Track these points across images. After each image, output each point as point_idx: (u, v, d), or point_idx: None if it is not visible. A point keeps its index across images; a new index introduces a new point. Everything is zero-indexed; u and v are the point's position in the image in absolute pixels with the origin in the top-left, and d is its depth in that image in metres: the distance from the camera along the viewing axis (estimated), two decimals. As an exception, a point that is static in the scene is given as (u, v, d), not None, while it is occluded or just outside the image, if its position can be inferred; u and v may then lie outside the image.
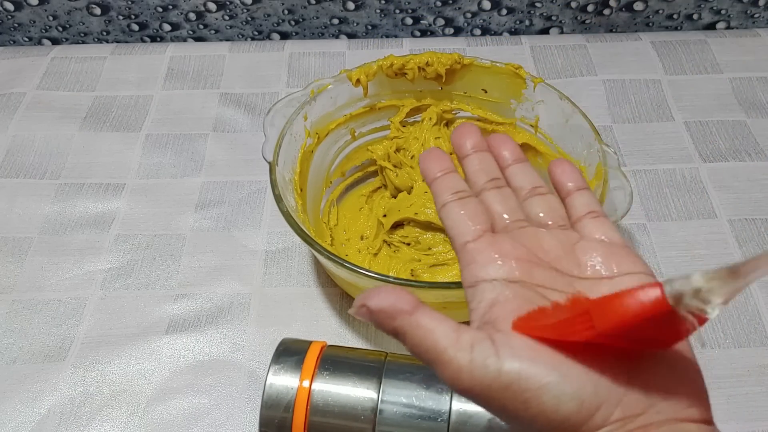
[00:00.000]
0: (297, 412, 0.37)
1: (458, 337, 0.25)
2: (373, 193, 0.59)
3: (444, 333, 0.25)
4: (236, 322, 0.51)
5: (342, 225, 0.57)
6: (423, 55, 0.55)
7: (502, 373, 0.23)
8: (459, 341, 0.24)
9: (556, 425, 0.23)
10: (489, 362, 0.24)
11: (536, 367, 0.23)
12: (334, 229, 0.56)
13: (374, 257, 0.54)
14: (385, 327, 0.26)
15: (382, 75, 0.55)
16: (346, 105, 0.55)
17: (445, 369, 0.24)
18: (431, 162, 0.33)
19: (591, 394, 0.23)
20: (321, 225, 0.55)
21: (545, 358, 0.24)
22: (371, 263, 0.53)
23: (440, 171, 0.33)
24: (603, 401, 0.23)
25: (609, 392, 0.23)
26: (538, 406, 0.23)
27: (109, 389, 0.47)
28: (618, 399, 0.23)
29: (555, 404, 0.23)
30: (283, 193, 0.47)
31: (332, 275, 0.52)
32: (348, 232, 0.56)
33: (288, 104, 0.52)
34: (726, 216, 0.57)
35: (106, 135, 0.65)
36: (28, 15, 0.74)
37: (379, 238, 0.54)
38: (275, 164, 0.48)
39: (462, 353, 0.24)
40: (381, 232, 0.55)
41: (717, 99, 0.68)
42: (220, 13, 0.74)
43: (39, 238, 0.56)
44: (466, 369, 0.24)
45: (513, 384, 0.23)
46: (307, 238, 0.44)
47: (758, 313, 0.51)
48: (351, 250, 0.55)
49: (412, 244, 0.54)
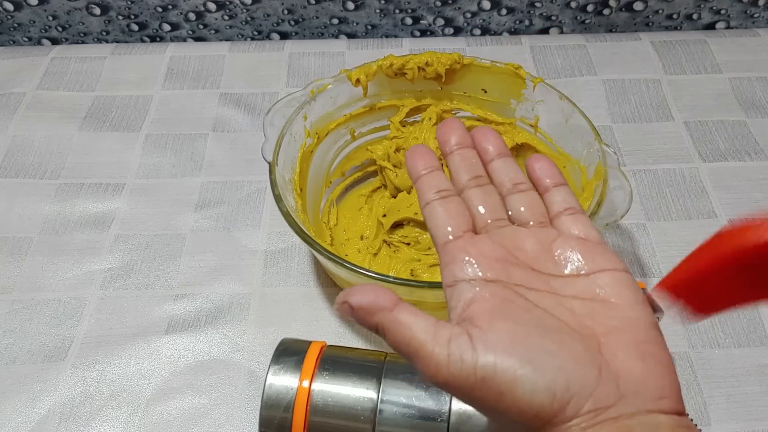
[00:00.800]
0: (297, 412, 0.37)
1: (436, 332, 0.26)
2: (372, 193, 0.59)
3: (423, 328, 0.26)
4: (236, 322, 0.51)
5: (342, 225, 0.57)
6: (423, 55, 0.55)
7: (478, 367, 0.24)
8: (437, 336, 0.26)
9: (529, 417, 0.24)
10: (465, 356, 0.25)
11: (510, 360, 0.24)
12: (333, 229, 0.56)
13: (374, 257, 0.54)
14: (366, 323, 0.27)
15: (382, 75, 0.55)
16: (345, 105, 0.55)
17: (424, 363, 0.25)
18: (416, 159, 0.34)
19: (563, 387, 0.24)
20: (321, 225, 0.55)
21: (519, 351, 0.25)
22: (371, 263, 0.53)
23: (425, 169, 0.33)
24: (575, 394, 0.24)
25: (581, 385, 0.24)
26: (512, 398, 0.24)
27: (109, 389, 0.47)
28: (589, 392, 0.24)
29: (528, 396, 0.24)
30: (283, 193, 0.47)
31: (332, 275, 0.52)
32: (348, 232, 0.56)
33: (288, 104, 0.52)
34: (726, 216, 0.57)
35: (105, 135, 0.65)
36: (28, 15, 0.74)
37: (379, 238, 0.54)
38: (275, 164, 0.48)
39: (440, 348, 0.25)
40: (381, 232, 0.55)
41: (717, 99, 0.68)
42: (220, 13, 0.74)
43: (39, 238, 0.56)
44: (444, 363, 0.25)
45: (488, 377, 0.24)
46: (306, 238, 0.44)
47: (758, 313, 0.51)
48: (351, 250, 0.55)
49: (411, 244, 0.54)
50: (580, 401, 0.24)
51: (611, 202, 0.46)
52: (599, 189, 0.46)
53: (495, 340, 0.25)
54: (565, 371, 0.24)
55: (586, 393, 0.24)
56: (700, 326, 0.50)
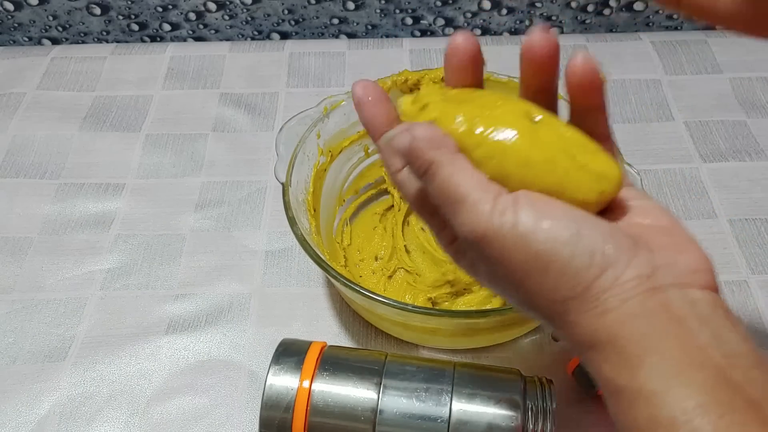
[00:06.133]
0: (297, 412, 0.37)
1: (487, 185, 0.26)
2: (386, 212, 0.57)
3: (475, 177, 0.26)
4: (236, 322, 0.51)
5: (356, 245, 0.55)
6: (438, 70, 0.53)
7: (520, 223, 0.24)
8: (486, 189, 0.26)
9: (566, 280, 0.24)
10: (508, 212, 0.25)
11: (551, 222, 0.24)
12: (347, 249, 0.54)
13: (389, 279, 0.52)
14: (423, 156, 0.27)
15: (397, 90, 0.53)
16: (359, 121, 0.54)
17: (468, 210, 0.25)
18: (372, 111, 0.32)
19: (601, 252, 0.24)
20: (335, 245, 0.54)
21: (561, 216, 0.25)
22: (386, 286, 0.52)
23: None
24: (613, 261, 0.24)
25: (619, 252, 0.24)
26: (549, 259, 0.24)
27: (109, 389, 0.47)
28: (627, 260, 0.24)
29: (567, 257, 0.24)
30: (297, 215, 0.45)
31: (345, 297, 0.51)
32: (362, 252, 0.55)
33: (300, 122, 0.51)
34: (726, 216, 0.57)
35: (106, 135, 0.65)
36: (28, 15, 0.74)
37: (394, 261, 0.53)
38: (288, 185, 0.46)
39: (486, 199, 0.25)
40: (395, 256, 0.54)
41: (717, 99, 0.68)
42: (220, 13, 0.74)
43: (39, 238, 0.56)
44: (487, 213, 0.25)
45: (528, 234, 0.24)
46: (322, 263, 0.43)
47: (758, 313, 0.51)
48: (365, 272, 0.53)
49: None
50: (618, 269, 0.24)
51: None
52: None
53: (540, 206, 0.25)
54: (605, 238, 0.24)
55: (624, 260, 0.24)
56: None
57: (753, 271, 0.54)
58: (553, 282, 0.24)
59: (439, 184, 0.26)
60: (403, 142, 0.27)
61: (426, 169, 0.27)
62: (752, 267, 0.54)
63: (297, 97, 0.68)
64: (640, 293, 0.23)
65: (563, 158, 0.27)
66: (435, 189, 0.26)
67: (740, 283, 0.53)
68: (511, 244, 0.24)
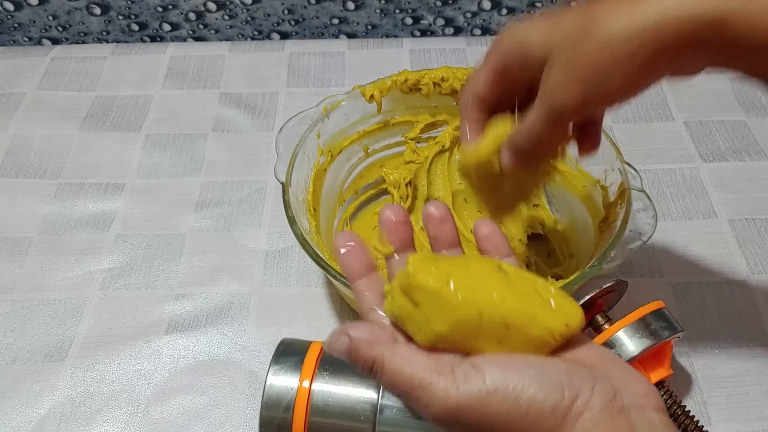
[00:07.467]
0: (297, 412, 0.37)
1: (437, 363, 0.27)
2: None
3: (423, 361, 0.27)
4: (236, 322, 0.51)
5: None
6: (438, 70, 0.53)
7: (487, 381, 0.26)
8: (439, 366, 0.26)
9: (546, 417, 0.25)
10: (470, 375, 0.26)
11: (516, 371, 0.26)
12: None
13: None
14: (363, 356, 0.28)
15: (396, 90, 0.53)
16: (359, 121, 0.54)
17: (431, 392, 0.26)
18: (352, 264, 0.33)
19: (569, 383, 0.26)
20: None
21: (519, 362, 0.26)
22: None
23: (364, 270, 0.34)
24: (579, 389, 0.26)
25: (582, 381, 0.26)
26: (528, 399, 0.25)
27: (109, 389, 0.47)
28: (591, 386, 0.26)
29: (542, 395, 0.25)
30: (297, 214, 0.45)
31: (345, 297, 0.51)
32: None
33: (300, 122, 0.51)
34: (726, 216, 0.57)
35: (106, 135, 0.65)
36: (28, 15, 0.74)
37: None
38: (288, 185, 0.46)
39: (445, 374, 0.26)
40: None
41: (717, 99, 0.68)
42: (220, 13, 0.74)
43: (39, 238, 0.56)
44: (452, 386, 0.26)
45: (500, 388, 0.25)
46: (322, 263, 0.43)
47: (758, 313, 0.51)
48: None
49: None
50: (586, 395, 0.26)
51: (635, 225, 0.45)
52: (623, 210, 0.44)
53: (495, 360, 0.27)
54: (566, 372, 0.26)
55: (589, 387, 0.26)
56: (701, 326, 0.50)
57: (753, 271, 0.54)
58: (533, 421, 0.25)
59: (389, 377, 0.27)
60: (343, 345, 0.28)
61: (371, 367, 0.28)
62: (752, 267, 0.54)
63: (297, 97, 0.68)
64: (607, 416, 0.25)
65: (534, 297, 0.29)
66: (387, 383, 0.27)
67: (740, 283, 0.53)
68: (486, 400, 0.25)
